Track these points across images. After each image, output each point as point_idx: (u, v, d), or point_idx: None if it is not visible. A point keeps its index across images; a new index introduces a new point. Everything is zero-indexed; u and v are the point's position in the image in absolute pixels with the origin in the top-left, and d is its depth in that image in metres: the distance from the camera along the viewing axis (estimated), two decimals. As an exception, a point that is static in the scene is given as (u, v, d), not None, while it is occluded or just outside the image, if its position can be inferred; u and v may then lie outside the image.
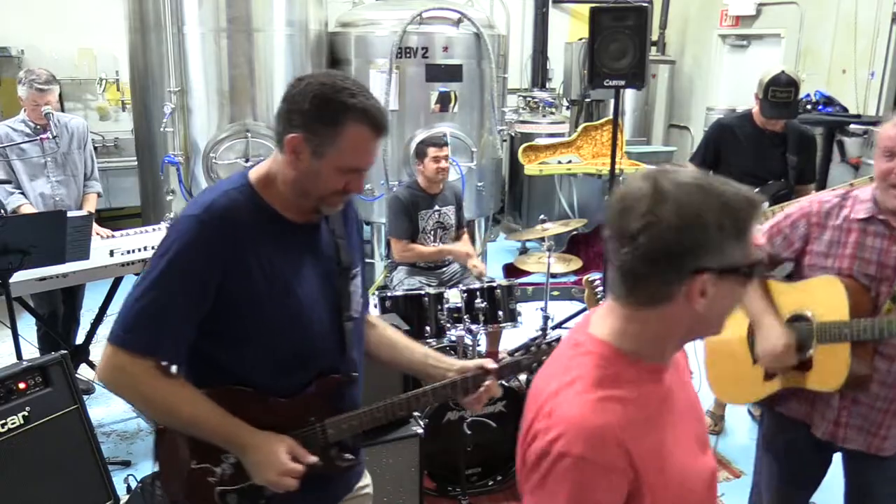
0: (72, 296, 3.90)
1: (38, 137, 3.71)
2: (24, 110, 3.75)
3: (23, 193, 3.71)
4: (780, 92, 3.24)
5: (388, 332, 1.81)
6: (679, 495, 1.09)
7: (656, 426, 1.09)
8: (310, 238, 1.56)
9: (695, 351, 4.12)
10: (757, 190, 3.38)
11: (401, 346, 1.79)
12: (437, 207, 4.02)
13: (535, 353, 1.76)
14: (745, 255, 1.04)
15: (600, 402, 1.04)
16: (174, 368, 1.50)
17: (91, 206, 3.95)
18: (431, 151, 3.90)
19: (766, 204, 3.37)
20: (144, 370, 1.42)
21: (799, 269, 2.04)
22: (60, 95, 6.46)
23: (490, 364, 1.69)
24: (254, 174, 1.52)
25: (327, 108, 1.40)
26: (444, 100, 5.29)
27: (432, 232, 4.02)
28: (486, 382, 1.68)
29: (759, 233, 2.04)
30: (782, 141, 3.39)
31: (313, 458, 1.51)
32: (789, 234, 2.02)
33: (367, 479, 1.84)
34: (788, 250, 2.03)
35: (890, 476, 1.99)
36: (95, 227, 3.65)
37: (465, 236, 4.25)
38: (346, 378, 1.60)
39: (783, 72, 3.25)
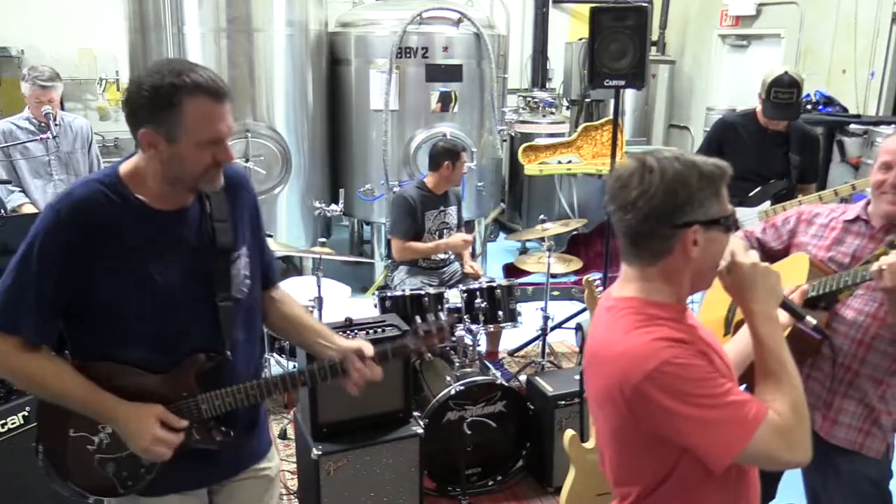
0: None
1: (39, 137, 3.71)
2: (28, 107, 3.75)
3: (23, 192, 3.71)
4: (782, 93, 3.24)
5: (289, 309, 1.86)
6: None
7: (701, 341, 1.32)
8: (176, 226, 1.60)
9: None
10: (759, 189, 3.39)
11: (296, 324, 1.85)
12: (442, 208, 4.03)
13: (415, 341, 1.80)
14: (723, 210, 1.30)
15: (656, 341, 1.25)
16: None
17: None
18: (465, 157, 3.97)
19: (768, 203, 3.37)
20: (9, 346, 1.50)
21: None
22: (61, 95, 6.51)
23: (368, 348, 1.74)
24: (124, 167, 1.58)
25: (162, 94, 1.45)
26: (445, 100, 5.29)
27: (437, 232, 4.02)
28: (356, 366, 1.71)
29: (756, 226, 2.21)
30: (785, 140, 3.40)
31: (184, 423, 1.57)
32: (780, 227, 2.15)
33: (271, 462, 1.85)
34: (777, 241, 2.15)
35: (841, 472, 1.98)
36: None
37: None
38: (214, 356, 1.63)
39: (786, 72, 3.25)
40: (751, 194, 3.40)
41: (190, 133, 1.47)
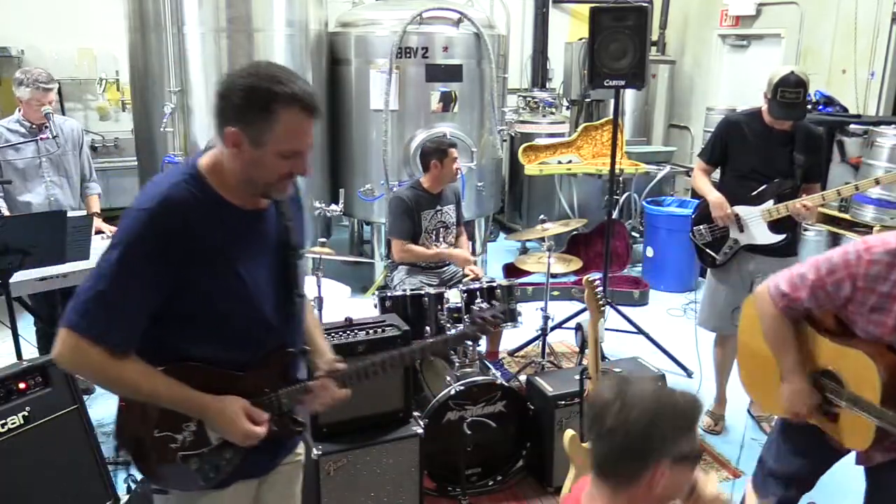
0: (69, 296, 3.90)
1: (37, 137, 3.70)
2: (20, 110, 3.72)
3: (2, 198, 3.69)
4: (789, 92, 3.23)
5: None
6: None
7: None
8: (258, 223, 1.63)
9: (696, 346, 4.09)
10: (763, 188, 3.38)
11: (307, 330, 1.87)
12: (439, 207, 4.02)
13: (471, 328, 1.92)
14: (693, 447, 1.35)
15: None
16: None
17: (96, 206, 3.97)
18: (452, 152, 3.92)
19: (771, 202, 3.37)
20: (98, 353, 1.48)
21: (843, 314, 1.98)
22: (60, 95, 6.51)
23: (337, 367, 1.78)
24: (203, 163, 1.58)
25: (258, 99, 1.46)
26: (445, 99, 5.29)
27: (434, 232, 4.02)
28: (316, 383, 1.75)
29: (801, 287, 1.96)
30: (790, 140, 3.39)
31: (266, 416, 1.63)
32: (832, 292, 1.90)
33: (301, 447, 1.94)
34: (829, 304, 1.95)
35: None
36: (102, 224, 3.66)
37: (464, 237, 4.25)
38: (298, 351, 1.72)
39: (792, 72, 3.24)
40: (754, 193, 3.40)
41: (276, 142, 1.49)
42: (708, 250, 3.57)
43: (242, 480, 1.71)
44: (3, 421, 2.31)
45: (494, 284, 3.66)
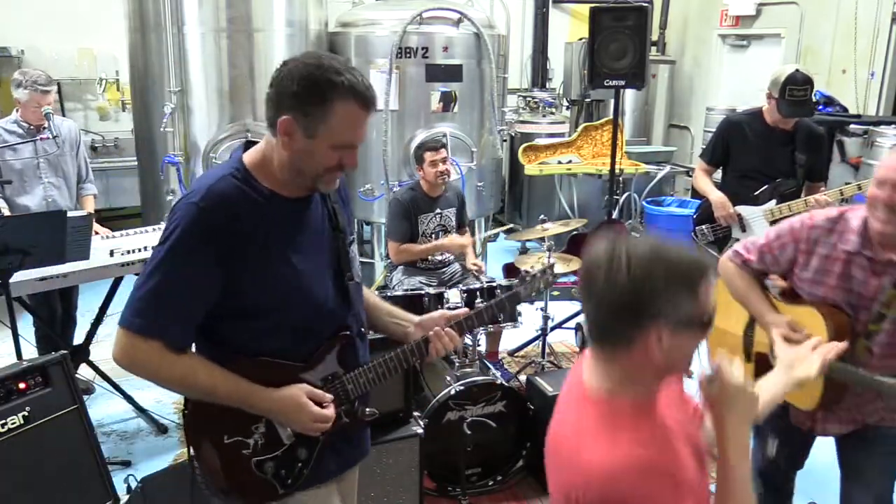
0: (66, 296, 3.90)
1: (36, 138, 3.70)
2: (18, 111, 3.70)
3: (4, 198, 3.68)
4: (797, 90, 3.26)
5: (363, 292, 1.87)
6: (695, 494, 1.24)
7: (669, 448, 1.24)
8: (305, 211, 1.61)
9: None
10: (765, 188, 3.39)
11: (370, 306, 1.87)
12: (438, 210, 4.00)
13: (496, 305, 1.87)
14: (698, 310, 1.20)
15: (620, 462, 1.17)
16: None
17: (90, 207, 3.95)
18: (428, 156, 3.86)
19: (774, 202, 3.37)
20: (156, 350, 1.46)
21: (790, 283, 2.12)
22: (60, 95, 6.51)
23: (446, 316, 1.79)
24: (248, 157, 1.57)
25: (315, 88, 1.44)
26: (446, 99, 5.29)
27: (433, 235, 4.01)
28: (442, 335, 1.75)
29: (752, 249, 2.13)
30: (791, 139, 3.40)
31: (329, 397, 1.60)
32: (778, 255, 2.08)
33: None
34: (776, 267, 2.11)
35: (872, 443, 2.06)
36: (95, 226, 3.63)
37: (467, 234, 4.24)
38: (357, 335, 1.69)
39: (798, 70, 3.28)
40: (756, 193, 3.40)
41: (330, 133, 1.47)
42: (710, 250, 3.57)
43: (320, 485, 1.67)
44: (3, 421, 2.31)
45: (494, 284, 3.66)
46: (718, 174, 3.70)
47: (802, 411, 2.10)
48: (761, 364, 2.17)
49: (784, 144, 3.41)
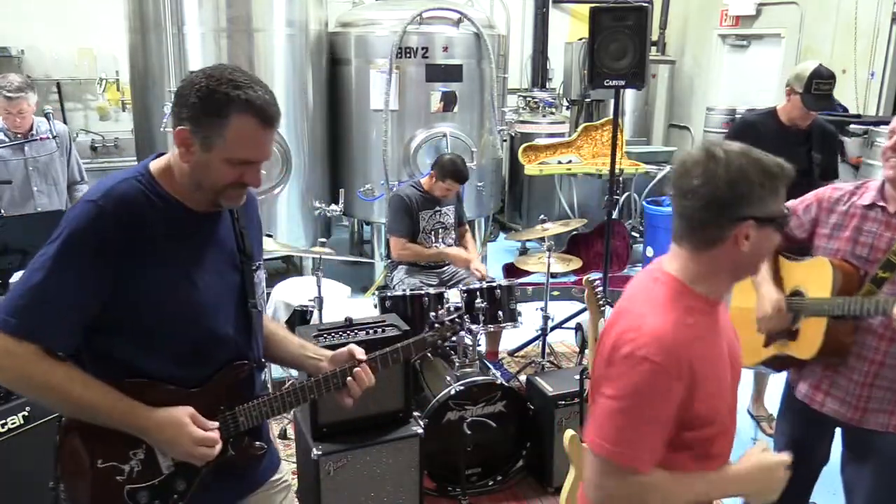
0: None
1: (37, 138, 3.68)
2: (2, 118, 3.63)
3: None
4: (823, 84, 3.26)
5: (269, 324, 1.78)
6: (711, 416, 1.36)
7: (709, 347, 1.36)
8: (211, 228, 1.55)
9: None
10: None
11: (279, 339, 1.78)
12: (438, 208, 4.02)
13: (403, 349, 1.79)
14: (779, 209, 1.34)
15: (675, 325, 1.31)
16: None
17: None
18: (447, 183, 3.89)
19: (791, 203, 3.37)
20: (31, 353, 1.37)
21: (811, 249, 2.17)
22: (60, 96, 6.51)
23: (360, 354, 1.70)
24: (154, 165, 1.51)
25: (212, 101, 1.40)
26: (448, 99, 5.29)
27: (432, 232, 4.02)
28: (355, 371, 1.67)
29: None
30: (807, 138, 3.39)
31: (214, 424, 1.51)
32: (801, 215, 2.17)
33: (282, 472, 1.81)
34: (800, 230, 2.19)
35: (876, 451, 2.05)
36: None
37: (468, 235, 4.24)
38: (255, 365, 1.61)
39: (821, 64, 3.30)
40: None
41: (226, 148, 1.42)
42: None
43: None
44: (3, 421, 2.31)
45: (494, 284, 3.66)
46: None
47: (809, 379, 2.13)
48: (774, 337, 2.21)
49: (800, 144, 3.38)
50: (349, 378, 1.66)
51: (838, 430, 2.19)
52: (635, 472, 1.31)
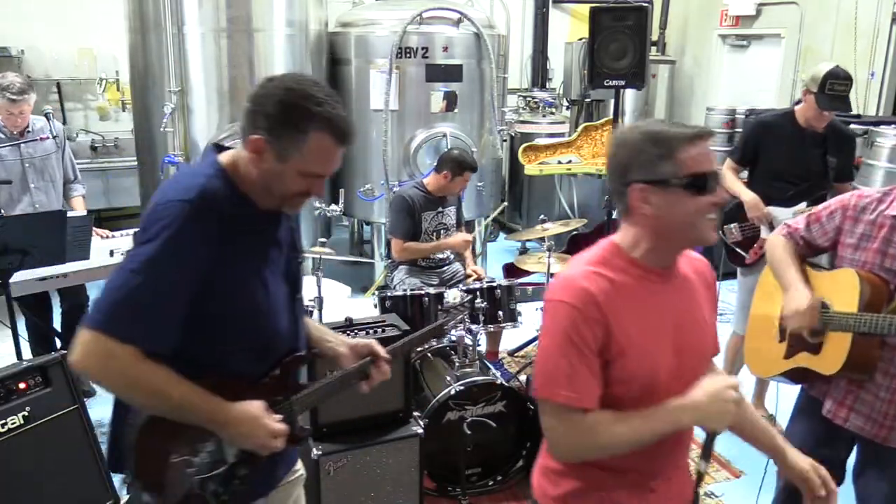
0: (78, 296, 3.87)
1: (36, 138, 3.68)
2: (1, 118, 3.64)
3: None
4: (839, 85, 3.22)
5: None
6: (640, 373, 1.41)
7: (638, 307, 1.43)
8: (275, 226, 1.60)
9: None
10: (797, 190, 3.37)
11: (304, 324, 1.82)
12: (439, 209, 4.02)
13: (426, 331, 1.99)
14: (676, 171, 1.37)
15: (588, 274, 1.43)
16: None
17: (81, 207, 3.91)
18: (468, 176, 3.92)
19: (804, 204, 3.36)
20: (131, 354, 1.38)
21: (835, 259, 2.12)
22: (60, 96, 6.51)
23: (380, 349, 1.78)
24: (225, 161, 1.53)
25: (292, 115, 1.42)
26: (450, 98, 5.30)
27: (434, 233, 4.02)
28: (376, 367, 1.77)
29: (801, 220, 2.19)
30: (823, 141, 3.37)
31: (279, 417, 1.56)
32: (825, 222, 2.11)
33: (299, 463, 1.89)
34: (823, 238, 2.13)
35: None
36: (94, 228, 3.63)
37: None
38: (307, 356, 1.69)
39: (837, 66, 3.26)
40: (789, 195, 3.38)
41: (301, 161, 1.45)
42: (738, 249, 3.56)
43: (250, 502, 1.65)
44: (3, 421, 2.31)
45: (494, 284, 3.66)
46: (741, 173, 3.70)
47: (833, 395, 2.06)
48: (795, 343, 2.15)
49: (816, 146, 3.36)
50: (374, 370, 1.76)
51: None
52: (574, 409, 1.38)
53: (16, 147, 3.65)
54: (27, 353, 3.15)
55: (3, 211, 3.63)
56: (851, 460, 2.19)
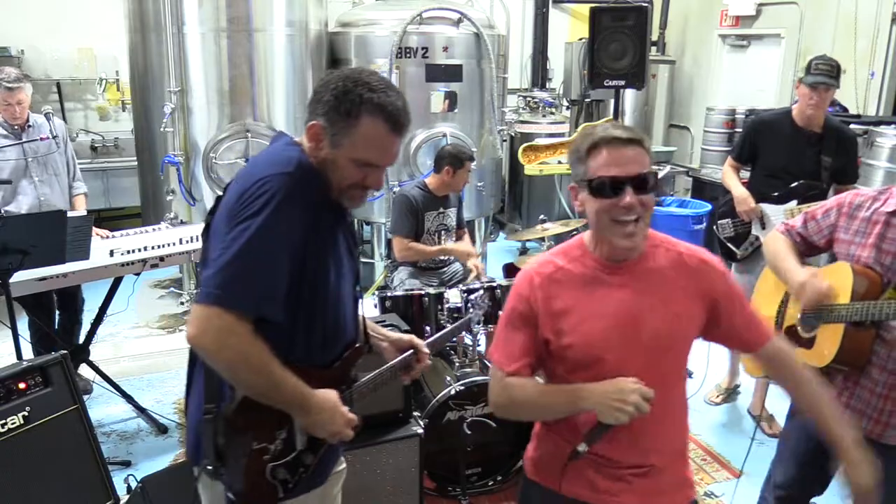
0: (72, 297, 3.89)
1: (37, 138, 3.69)
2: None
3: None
4: (822, 64, 3.29)
5: None
6: (579, 354, 1.57)
7: (577, 297, 1.58)
8: (344, 215, 1.63)
9: (708, 353, 4.04)
10: (789, 187, 3.40)
11: None
12: (441, 209, 4.02)
13: (459, 325, 2.23)
14: (584, 174, 1.53)
15: (545, 260, 1.64)
16: None
17: (82, 206, 3.93)
18: (469, 165, 3.93)
19: (795, 202, 3.38)
20: (248, 331, 1.38)
21: (831, 257, 2.13)
22: (60, 96, 6.51)
23: (420, 343, 1.89)
24: (301, 142, 1.56)
25: (345, 101, 1.46)
26: (451, 98, 5.30)
27: (436, 233, 4.02)
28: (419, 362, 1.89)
29: (798, 217, 2.22)
30: (819, 140, 3.40)
31: (347, 408, 1.60)
32: (820, 220, 2.13)
33: (342, 459, 1.92)
34: (818, 235, 2.14)
35: (893, 464, 1.99)
36: (94, 228, 3.63)
37: (466, 236, 4.25)
38: (365, 348, 1.73)
39: (824, 55, 3.36)
40: (780, 192, 3.41)
41: (353, 147, 1.48)
42: (729, 244, 3.59)
43: (306, 493, 1.67)
44: (3, 421, 2.31)
45: (494, 284, 3.65)
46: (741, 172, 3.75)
47: (830, 382, 2.05)
48: (789, 339, 2.15)
49: (811, 145, 3.40)
50: (417, 363, 1.88)
51: None
52: (500, 370, 1.63)
53: (19, 143, 3.67)
54: (27, 353, 3.15)
55: (6, 205, 3.64)
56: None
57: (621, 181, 1.48)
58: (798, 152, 3.42)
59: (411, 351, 1.84)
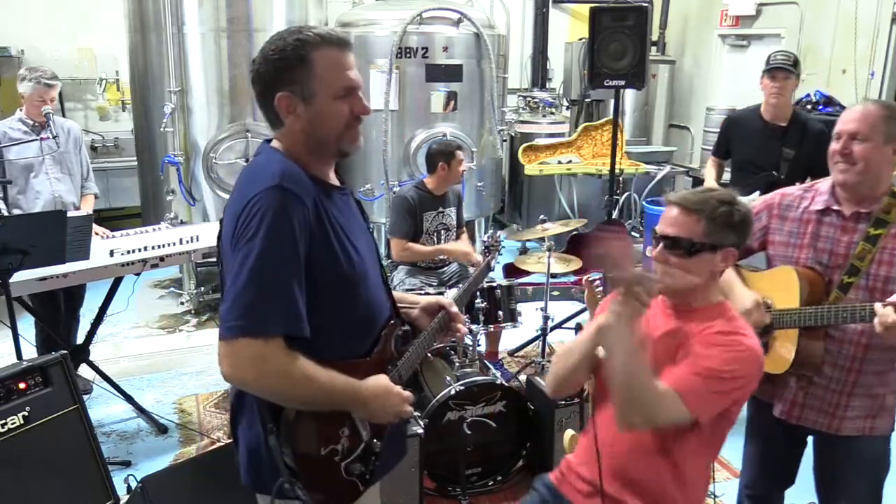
0: (71, 296, 3.90)
1: (38, 137, 3.70)
2: (22, 109, 3.74)
3: (1, 199, 3.68)
4: (780, 55, 3.47)
5: None
6: None
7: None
8: (347, 199, 1.62)
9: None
10: (752, 179, 3.48)
11: None
12: (441, 209, 4.02)
13: (481, 271, 2.26)
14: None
15: None
16: None
17: (89, 206, 3.95)
18: (459, 154, 3.93)
19: (757, 193, 3.40)
20: (281, 350, 1.37)
21: (768, 258, 2.16)
22: (60, 95, 6.50)
23: (446, 301, 1.84)
24: (280, 147, 1.54)
25: (288, 55, 1.45)
26: (452, 98, 5.30)
27: (435, 233, 4.02)
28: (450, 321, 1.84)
29: None
30: (783, 134, 3.51)
31: (399, 387, 1.60)
32: (753, 223, 2.12)
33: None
34: (750, 238, 2.11)
35: (854, 455, 2.06)
36: (94, 227, 3.63)
37: (465, 236, 4.25)
38: (402, 321, 1.73)
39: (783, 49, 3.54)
40: (747, 184, 3.49)
41: (324, 85, 1.46)
42: None
43: (378, 481, 1.67)
44: (3, 421, 2.31)
45: (494, 284, 3.66)
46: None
47: (784, 395, 2.09)
48: None
49: (776, 138, 3.51)
50: (456, 325, 1.83)
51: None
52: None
53: (38, 139, 3.72)
54: (27, 353, 3.15)
55: (10, 206, 3.65)
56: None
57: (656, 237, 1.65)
58: (762, 146, 3.54)
59: (442, 313, 1.80)
